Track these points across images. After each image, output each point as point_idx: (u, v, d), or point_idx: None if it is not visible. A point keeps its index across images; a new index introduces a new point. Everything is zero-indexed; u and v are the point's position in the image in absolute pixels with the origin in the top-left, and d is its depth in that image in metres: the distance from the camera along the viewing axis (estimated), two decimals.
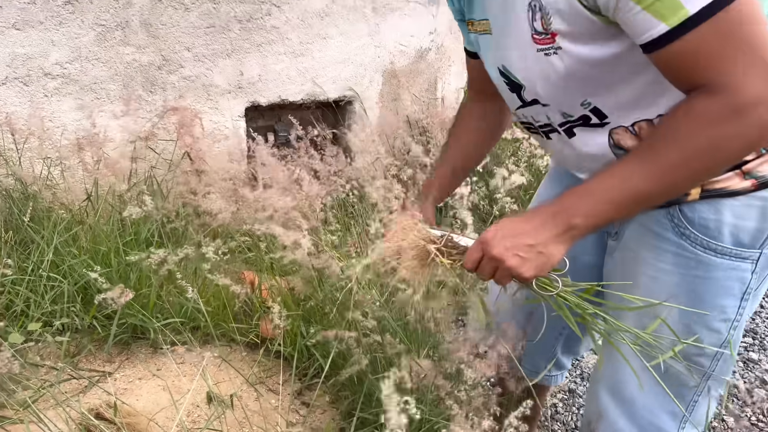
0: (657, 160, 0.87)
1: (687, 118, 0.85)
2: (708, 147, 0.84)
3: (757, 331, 2.49)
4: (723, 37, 0.79)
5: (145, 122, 2.69)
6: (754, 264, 1.01)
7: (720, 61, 0.80)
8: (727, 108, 0.81)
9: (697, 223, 1.02)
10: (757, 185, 0.98)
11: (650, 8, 0.80)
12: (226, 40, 2.79)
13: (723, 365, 1.11)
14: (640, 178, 0.89)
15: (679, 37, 0.80)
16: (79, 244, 1.96)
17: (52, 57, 2.41)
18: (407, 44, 3.39)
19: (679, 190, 0.93)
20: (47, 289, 1.80)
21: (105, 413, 1.37)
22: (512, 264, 0.94)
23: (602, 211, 0.92)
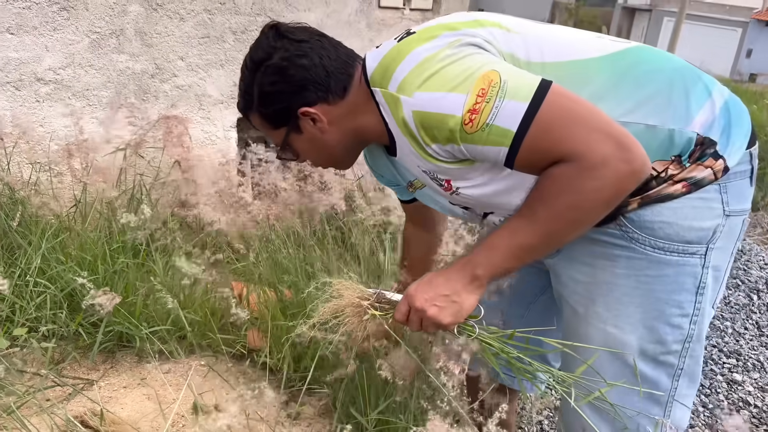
0: (532, 217, 1.01)
1: (549, 182, 0.98)
2: (570, 204, 0.97)
3: (741, 352, 2.51)
4: (552, 129, 0.94)
5: (137, 130, 2.68)
6: (703, 258, 1.08)
7: (561, 144, 0.94)
8: (579, 170, 0.94)
9: (644, 226, 1.08)
10: (688, 186, 1.05)
11: (488, 142, 0.97)
12: (220, 50, 2.80)
13: (691, 362, 1.15)
14: (523, 233, 1.02)
15: (518, 149, 0.96)
16: (67, 250, 1.94)
17: (45, 62, 2.41)
18: None
19: (560, 240, 1.04)
20: (33, 295, 1.78)
21: (89, 421, 1.35)
22: (432, 313, 1.06)
23: (498, 262, 1.05)
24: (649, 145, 0.99)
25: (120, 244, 2.13)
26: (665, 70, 1.08)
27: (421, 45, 1.03)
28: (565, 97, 0.96)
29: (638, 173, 0.94)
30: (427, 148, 1.04)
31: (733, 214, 1.08)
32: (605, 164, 0.92)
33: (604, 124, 0.94)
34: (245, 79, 1.15)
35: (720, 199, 1.06)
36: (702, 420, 2.13)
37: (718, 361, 2.45)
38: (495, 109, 0.95)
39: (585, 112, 0.95)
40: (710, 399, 2.23)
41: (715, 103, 1.06)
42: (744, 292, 2.95)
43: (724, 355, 2.49)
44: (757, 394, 2.28)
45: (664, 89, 1.05)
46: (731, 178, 1.06)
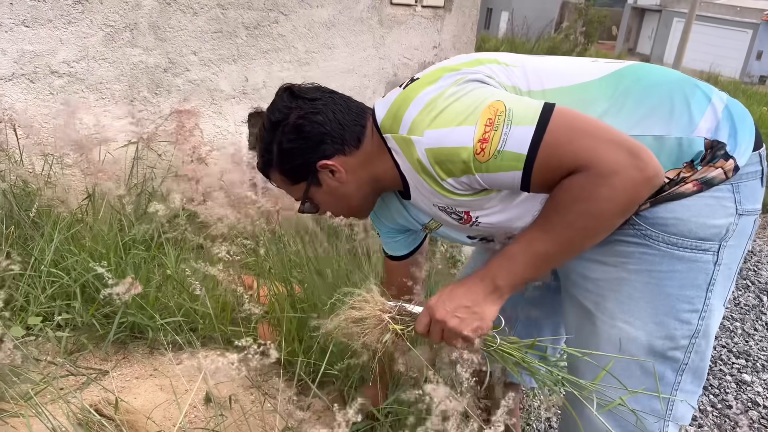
0: (548, 226, 1.03)
1: (562, 192, 1.01)
2: (583, 211, 0.99)
3: (750, 353, 2.50)
4: (561, 145, 0.97)
5: (149, 124, 2.69)
6: (716, 255, 1.10)
7: (572, 158, 0.97)
8: (592, 178, 0.96)
9: (657, 223, 1.10)
10: (700, 185, 1.07)
11: (502, 168, 1.01)
12: (232, 45, 2.82)
13: (697, 358, 1.17)
14: (540, 242, 1.04)
15: (531, 170, 0.99)
16: (80, 242, 1.96)
17: (59, 55, 2.42)
18: (411, 57, 3.42)
19: (576, 248, 1.06)
20: (47, 285, 1.79)
21: (104, 410, 1.36)
22: (453, 324, 1.08)
23: (517, 271, 1.07)
24: (659, 155, 1.02)
25: (131, 237, 2.15)
26: (663, 84, 1.12)
27: (426, 88, 1.08)
28: (570, 116, 0.99)
29: (651, 180, 0.97)
30: (444, 183, 1.07)
31: (745, 214, 1.10)
32: (617, 172, 0.94)
33: (613, 135, 0.97)
34: (264, 139, 1.21)
35: (733, 198, 1.08)
36: (711, 420, 2.13)
37: (727, 361, 2.45)
38: (504, 136, 0.98)
39: (592, 126, 0.98)
40: (719, 399, 2.23)
41: (716, 108, 1.09)
42: (754, 293, 2.94)
43: (734, 355, 2.48)
44: (766, 394, 2.27)
45: (666, 101, 1.09)
46: (743, 178, 1.08)
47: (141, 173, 2.67)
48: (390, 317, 1.16)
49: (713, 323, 1.16)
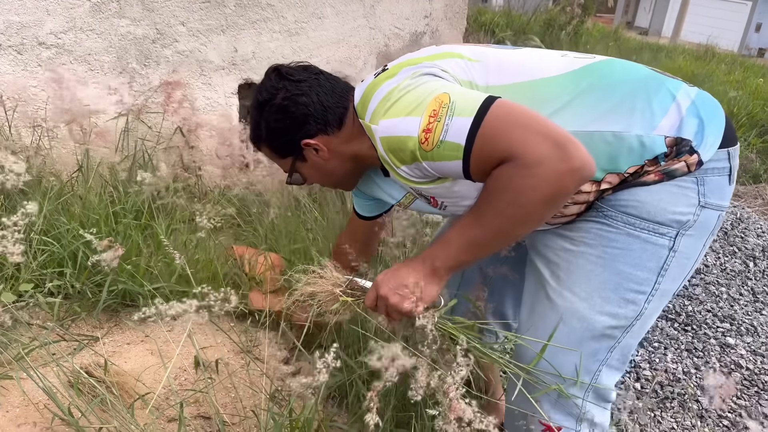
0: (479, 214, 1.09)
1: (491, 182, 1.05)
2: (510, 200, 1.03)
3: (735, 317, 2.54)
4: (494, 136, 1.01)
5: (138, 95, 2.69)
6: (672, 241, 1.13)
7: (502, 147, 1.01)
8: (516, 168, 1.00)
9: (619, 204, 1.14)
10: (661, 176, 1.10)
11: (444, 157, 1.06)
12: (221, 15, 2.80)
13: (629, 336, 1.21)
14: (472, 230, 1.10)
15: (470, 158, 1.04)
16: (70, 211, 1.97)
17: (46, 26, 2.41)
18: (402, 27, 3.41)
19: (508, 236, 1.10)
20: (39, 253, 1.81)
21: (94, 372, 1.39)
22: (394, 301, 1.14)
23: (453, 255, 1.13)
24: (618, 151, 1.08)
25: (122, 206, 2.16)
26: (628, 81, 1.14)
27: (388, 80, 1.15)
28: (507, 108, 1.03)
29: (577, 172, 0.99)
30: (398, 170, 1.14)
31: (708, 207, 1.13)
32: (541, 163, 0.97)
33: (543, 127, 1.00)
34: (254, 117, 1.30)
35: (696, 189, 1.11)
36: (694, 382, 2.17)
37: (711, 325, 2.49)
38: (446, 127, 1.04)
39: (525, 118, 1.02)
40: (703, 362, 2.27)
41: (680, 105, 1.11)
42: (740, 259, 2.98)
43: (718, 319, 2.52)
44: (749, 357, 2.31)
45: (627, 98, 1.11)
46: (709, 173, 1.11)
47: (131, 145, 2.67)
48: (342, 291, 1.26)
49: (658, 305, 1.20)
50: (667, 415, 2.02)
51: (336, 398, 1.69)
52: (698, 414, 2.04)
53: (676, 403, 2.07)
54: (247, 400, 1.55)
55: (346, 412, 1.65)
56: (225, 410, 1.50)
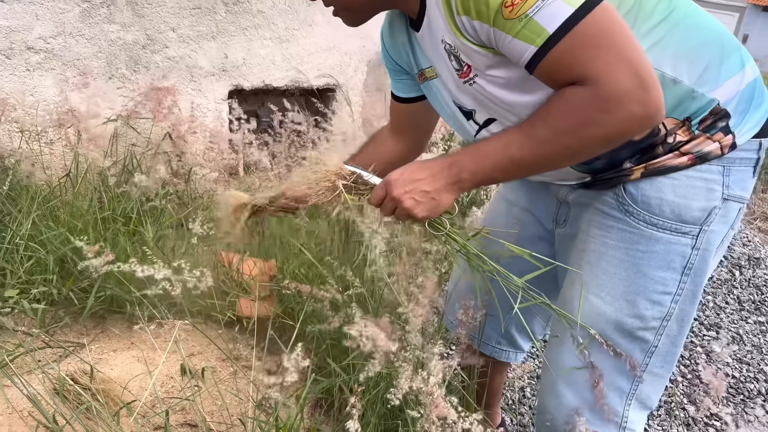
0: (531, 133, 0.98)
1: (558, 101, 0.95)
2: (571, 128, 0.94)
3: (721, 325, 2.56)
4: (585, 46, 0.90)
5: (127, 101, 2.68)
6: (695, 239, 1.10)
7: (587, 64, 0.90)
8: (593, 97, 0.91)
9: (640, 200, 1.10)
10: (694, 159, 1.06)
11: (519, 35, 0.92)
12: (211, 22, 2.80)
13: (668, 341, 1.17)
14: (516, 147, 0.99)
15: (546, 53, 0.91)
16: (57, 217, 1.96)
17: (35, 31, 2.40)
18: None
19: (551, 163, 1.03)
20: (24, 259, 1.80)
21: (80, 379, 1.38)
22: (408, 205, 1.07)
23: (485, 171, 1.04)
24: (666, 98, 0.97)
25: (110, 212, 2.15)
26: (710, 30, 1.06)
27: None
28: (610, 18, 0.91)
29: (650, 119, 0.92)
30: (456, 18, 0.99)
31: (731, 199, 1.09)
32: (620, 99, 0.89)
33: (636, 58, 0.90)
34: None
35: (721, 181, 1.07)
36: (681, 390, 2.19)
37: (698, 333, 2.51)
38: (541, 3, 0.89)
39: (623, 40, 0.91)
40: (689, 369, 2.29)
41: (745, 76, 1.06)
42: (726, 268, 3.00)
43: (705, 327, 2.54)
44: (735, 365, 2.33)
45: (703, 48, 1.04)
46: (737, 162, 1.07)
47: (121, 151, 2.66)
48: (344, 184, 1.13)
49: (689, 308, 1.16)
50: (654, 423, 2.03)
51: (323, 406, 1.69)
52: (685, 422, 2.05)
53: (663, 411, 2.09)
54: (233, 408, 1.54)
55: (334, 420, 1.64)
56: (212, 418, 1.50)
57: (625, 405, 1.21)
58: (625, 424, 1.22)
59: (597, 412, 1.20)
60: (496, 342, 1.61)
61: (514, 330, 1.58)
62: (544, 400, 1.29)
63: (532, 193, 1.40)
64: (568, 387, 1.22)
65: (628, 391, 1.20)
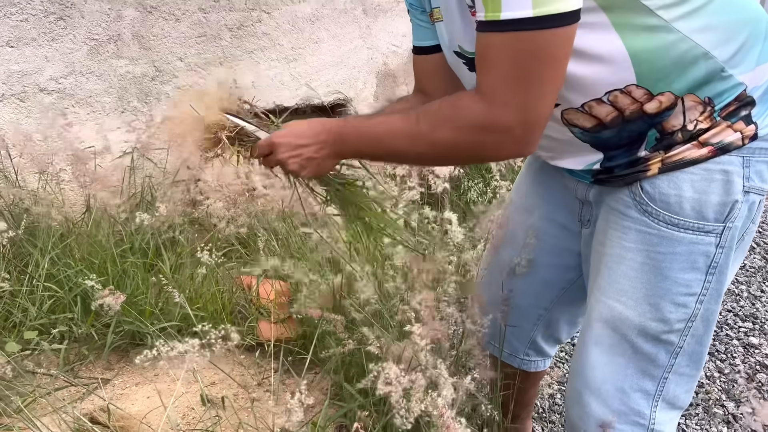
0: (416, 128, 0.99)
1: (452, 104, 0.97)
2: (449, 138, 0.96)
3: (757, 315, 2.48)
4: (509, 56, 0.87)
5: (141, 133, 2.72)
6: (719, 237, 1.05)
7: (496, 74, 0.89)
8: (478, 117, 0.92)
9: (659, 199, 1.05)
10: (714, 151, 1.01)
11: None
12: (217, 48, 2.83)
13: (693, 341, 1.12)
14: (401, 141, 1.01)
15: (486, 31, 0.88)
16: (75, 254, 1.99)
17: (46, 72, 2.45)
18: (400, 44, 3.41)
19: (421, 163, 1.08)
20: (45, 299, 1.83)
21: (98, 417, 1.40)
22: (293, 168, 1.11)
23: (365, 153, 1.10)
24: (696, 72, 0.96)
25: (129, 245, 2.18)
26: (750, 10, 1.01)
27: None
28: (553, 48, 0.86)
29: (519, 156, 1.00)
30: None
31: (752, 191, 1.04)
32: (502, 133, 0.92)
33: (540, 100, 0.89)
34: None
35: (741, 173, 1.02)
36: (718, 386, 2.11)
37: (733, 325, 2.43)
38: None
39: (546, 77, 0.88)
40: (726, 364, 2.21)
41: None
42: (760, 255, 2.90)
43: (740, 319, 2.46)
44: None
45: (741, 27, 0.98)
46: (756, 153, 1.02)
47: (138, 182, 2.70)
48: (228, 136, 1.14)
49: (714, 307, 1.11)
50: (692, 422, 1.96)
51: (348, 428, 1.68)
52: (724, 419, 1.98)
53: (701, 409, 2.02)
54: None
55: None
56: None
57: (651, 407, 1.17)
58: (653, 426, 1.18)
59: (623, 419, 1.17)
60: (524, 354, 1.57)
61: (540, 338, 1.54)
62: (571, 411, 1.26)
63: (550, 195, 1.34)
64: (593, 396, 1.18)
65: (654, 392, 1.16)
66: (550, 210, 1.35)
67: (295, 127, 1.13)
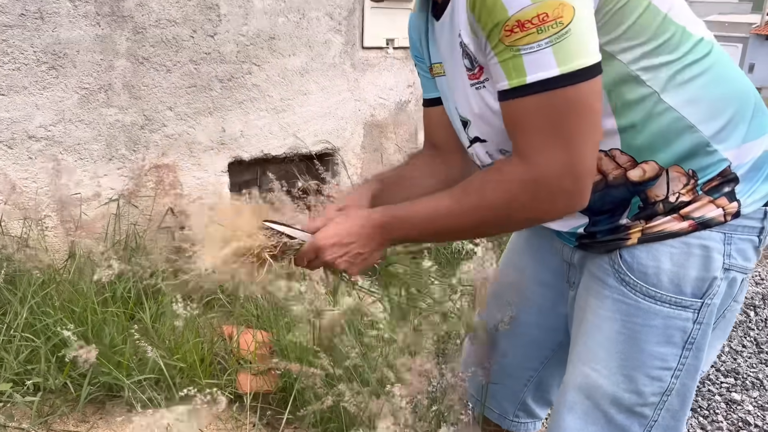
0: (464, 202, 0.98)
1: (494, 173, 0.97)
2: (501, 206, 0.95)
3: (738, 371, 2.48)
4: (544, 115, 0.87)
5: (128, 180, 2.74)
6: (696, 313, 1.03)
7: (535, 134, 0.89)
8: (527, 175, 0.90)
9: (637, 269, 1.04)
10: (695, 225, 1.00)
11: (503, 64, 0.88)
12: (207, 98, 2.88)
13: (668, 416, 1.11)
14: (445, 219, 1.01)
15: (514, 97, 0.88)
16: (55, 303, 1.98)
17: (36, 120, 2.48)
18: (387, 97, 3.48)
19: (480, 232, 1.06)
20: (22, 348, 1.81)
21: None
22: (342, 267, 1.08)
23: (413, 238, 1.09)
24: (681, 145, 0.97)
25: (111, 293, 2.17)
26: (739, 85, 1.03)
27: None
28: (585, 101, 0.87)
29: (573, 210, 0.95)
30: (469, 14, 0.93)
31: (733, 269, 1.03)
32: (551, 190, 0.90)
33: (582, 152, 0.89)
34: None
35: (723, 250, 1.01)
36: None
37: (715, 381, 2.42)
38: (536, 46, 0.84)
39: (583, 128, 0.88)
40: (709, 421, 2.20)
41: (764, 143, 1.03)
42: (740, 310, 2.92)
43: (722, 374, 2.46)
44: (757, 413, 2.24)
45: (728, 103, 1.00)
46: (739, 231, 1.02)
47: (123, 230, 2.70)
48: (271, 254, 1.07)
49: (690, 383, 1.09)
50: None
51: None
52: None
53: None
54: None
55: None
56: None
57: None
58: None
59: None
60: (513, 415, 1.55)
61: (530, 400, 1.52)
62: None
63: (541, 255, 1.34)
64: None
65: None
66: (539, 269, 1.35)
67: (336, 226, 1.08)
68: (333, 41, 3.17)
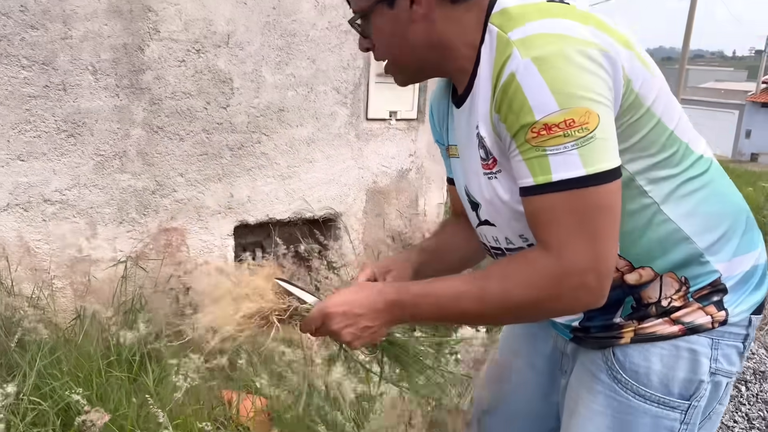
0: (485, 288, 0.98)
1: (520, 262, 0.99)
2: (525, 295, 0.96)
3: None
4: (570, 212, 0.91)
5: (137, 243, 2.83)
6: (683, 414, 1.08)
7: (562, 229, 0.92)
8: (553, 271, 0.92)
9: (628, 368, 1.10)
10: (684, 330, 1.06)
11: (527, 161, 0.92)
12: (218, 165, 2.99)
13: None
14: (467, 303, 1.00)
15: (539, 193, 0.92)
16: (62, 367, 2.03)
17: (52, 185, 2.59)
18: (389, 165, 3.60)
19: (493, 322, 1.06)
20: (28, 411, 1.86)
21: None
22: (347, 339, 1.07)
23: (426, 317, 1.07)
24: (677, 254, 1.02)
25: (115, 357, 2.22)
26: (734, 202, 1.10)
27: (569, 20, 0.93)
28: (608, 202, 0.92)
29: (593, 306, 0.96)
30: (493, 113, 0.97)
31: (719, 373, 1.07)
32: (576, 284, 0.92)
33: (605, 250, 0.92)
34: None
35: (709, 354, 1.06)
36: None
37: None
38: (562, 148, 0.88)
39: (606, 227, 0.92)
40: None
41: (753, 258, 1.08)
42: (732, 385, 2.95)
43: None
44: None
45: (723, 218, 1.06)
46: (725, 337, 1.06)
47: (130, 291, 2.77)
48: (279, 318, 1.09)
49: None
50: None
51: None
52: None
53: None
54: None
55: None
56: None
57: None
58: None
59: None
60: None
61: None
62: None
63: (536, 342, 1.38)
64: None
65: None
66: (533, 356, 1.38)
67: (347, 294, 1.08)
68: (339, 113, 3.32)
